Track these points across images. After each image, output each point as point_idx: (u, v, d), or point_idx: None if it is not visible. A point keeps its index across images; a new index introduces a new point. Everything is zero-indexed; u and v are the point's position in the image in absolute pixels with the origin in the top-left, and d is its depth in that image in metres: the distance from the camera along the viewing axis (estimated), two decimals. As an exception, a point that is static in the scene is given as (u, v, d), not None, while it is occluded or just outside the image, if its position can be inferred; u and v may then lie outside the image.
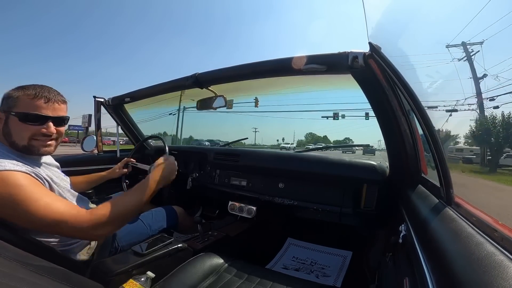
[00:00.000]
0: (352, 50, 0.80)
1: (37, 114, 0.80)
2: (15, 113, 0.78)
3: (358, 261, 1.46)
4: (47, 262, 0.57)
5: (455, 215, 0.51)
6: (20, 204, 0.68)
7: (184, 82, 1.26)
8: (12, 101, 0.78)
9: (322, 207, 1.27)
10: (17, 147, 0.80)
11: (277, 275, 0.94)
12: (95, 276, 0.87)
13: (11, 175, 0.70)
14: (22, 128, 0.79)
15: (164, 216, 1.31)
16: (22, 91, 0.80)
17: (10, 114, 0.78)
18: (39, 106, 0.80)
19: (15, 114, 0.78)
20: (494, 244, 0.36)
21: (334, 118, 18.49)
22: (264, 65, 1.01)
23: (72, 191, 0.97)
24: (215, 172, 1.67)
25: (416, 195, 0.79)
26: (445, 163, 0.59)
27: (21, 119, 0.78)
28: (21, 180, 0.71)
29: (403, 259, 0.64)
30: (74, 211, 0.75)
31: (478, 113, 6.18)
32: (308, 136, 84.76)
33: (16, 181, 0.70)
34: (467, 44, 3.28)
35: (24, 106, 0.78)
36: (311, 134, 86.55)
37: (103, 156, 1.85)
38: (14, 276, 0.42)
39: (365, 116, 15.90)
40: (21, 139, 0.79)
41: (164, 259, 0.98)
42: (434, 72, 0.70)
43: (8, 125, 0.79)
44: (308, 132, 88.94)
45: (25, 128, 0.79)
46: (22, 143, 0.80)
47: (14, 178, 0.70)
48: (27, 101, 0.79)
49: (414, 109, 0.67)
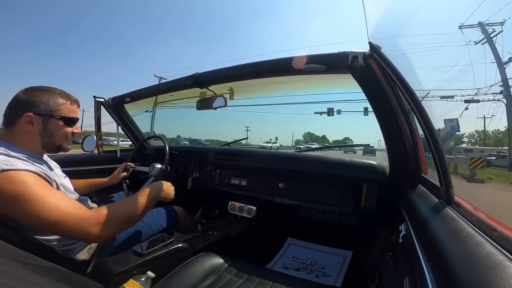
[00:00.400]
0: (352, 50, 0.80)
1: (76, 118, 0.95)
2: (61, 117, 0.89)
3: (358, 260, 1.46)
4: (47, 262, 0.57)
5: (455, 215, 0.51)
6: (26, 201, 0.70)
7: (184, 82, 1.26)
8: (55, 106, 0.88)
9: (322, 207, 1.27)
10: (52, 147, 0.91)
11: (277, 275, 0.94)
12: (96, 276, 0.87)
13: (20, 174, 0.72)
14: (63, 130, 0.91)
15: (164, 215, 1.31)
16: (59, 96, 0.90)
17: (54, 118, 0.88)
18: (75, 110, 0.95)
19: (60, 118, 0.89)
20: (493, 244, 0.36)
21: (328, 114, 17.48)
22: (264, 65, 1.01)
23: (74, 192, 0.99)
24: (215, 172, 1.67)
25: (416, 195, 0.79)
26: (445, 162, 0.59)
27: (66, 122, 0.91)
28: (29, 179, 0.73)
29: (403, 258, 0.64)
30: (81, 210, 0.77)
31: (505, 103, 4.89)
32: (306, 135, 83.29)
33: (24, 179, 0.72)
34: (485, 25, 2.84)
35: (67, 110, 0.91)
36: (309, 134, 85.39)
37: (103, 156, 1.86)
38: (14, 276, 0.42)
39: (364, 112, 15.45)
40: (59, 139, 0.91)
41: (164, 259, 0.98)
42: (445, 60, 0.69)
43: (49, 127, 0.88)
44: (306, 132, 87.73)
45: (65, 130, 0.91)
46: (59, 143, 0.92)
47: (22, 176, 0.72)
48: (69, 107, 0.92)
49: (414, 109, 0.67)
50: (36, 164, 0.81)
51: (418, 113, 0.65)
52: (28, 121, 0.83)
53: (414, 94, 0.63)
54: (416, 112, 0.67)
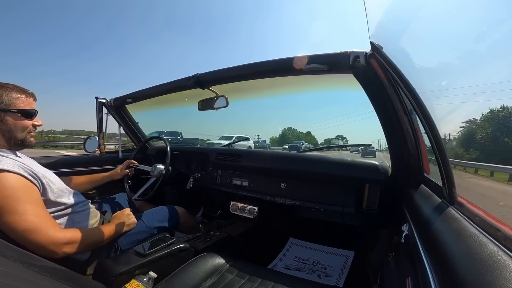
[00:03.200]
0: (353, 50, 0.80)
1: (34, 110, 0.94)
2: (17, 110, 0.89)
3: (361, 261, 1.46)
4: (49, 262, 0.58)
5: (458, 214, 0.50)
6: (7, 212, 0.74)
7: (186, 83, 1.27)
8: (9, 100, 0.88)
9: (324, 207, 1.27)
10: (15, 142, 0.90)
11: (279, 275, 0.94)
12: (98, 276, 0.87)
13: (5, 176, 0.77)
14: (22, 123, 0.90)
15: (165, 215, 1.31)
16: (13, 91, 0.89)
17: (10, 112, 0.88)
18: (31, 103, 0.94)
19: (16, 111, 0.89)
20: (497, 244, 0.36)
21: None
22: (265, 65, 1.01)
23: (62, 185, 1.01)
24: (217, 172, 1.67)
25: (418, 195, 0.79)
26: (447, 162, 0.58)
27: (23, 115, 0.90)
28: (12, 183, 0.78)
29: (405, 259, 0.64)
30: (50, 223, 0.82)
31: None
32: (286, 132, 62.63)
33: (9, 184, 0.77)
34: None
35: (22, 104, 0.90)
36: (291, 130, 64.19)
37: (105, 157, 1.86)
38: (16, 276, 0.42)
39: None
40: (20, 133, 0.91)
41: (166, 259, 0.98)
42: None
43: (6, 122, 0.88)
44: (287, 127, 65.46)
45: (23, 123, 0.91)
46: (21, 137, 0.91)
47: (7, 180, 0.77)
48: (24, 100, 0.91)
49: (416, 109, 0.66)
50: (16, 160, 0.85)
51: (420, 112, 0.64)
52: None
53: (416, 94, 0.63)
54: (418, 112, 0.66)
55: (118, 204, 1.42)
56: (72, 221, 0.97)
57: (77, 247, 0.83)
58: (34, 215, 0.78)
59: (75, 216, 0.99)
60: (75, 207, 1.00)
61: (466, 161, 0.90)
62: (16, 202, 0.76)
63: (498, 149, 0.83)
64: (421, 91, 0.63)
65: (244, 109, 61.03)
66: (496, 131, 0.78)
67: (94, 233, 0.94)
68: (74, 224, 0.96)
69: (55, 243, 0.78)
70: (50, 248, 0.77)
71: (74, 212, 0.99)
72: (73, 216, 0.98)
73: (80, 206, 1.03)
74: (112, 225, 1.01)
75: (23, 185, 0.81)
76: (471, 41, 0.65)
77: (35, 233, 0.75)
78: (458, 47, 0.69)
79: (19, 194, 0.78)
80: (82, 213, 1.03)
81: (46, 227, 0.79)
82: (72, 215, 0.98)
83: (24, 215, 0.76)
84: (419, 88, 0.63)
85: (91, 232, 0.94)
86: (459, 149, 0.90)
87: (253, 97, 1.97)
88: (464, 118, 0.80)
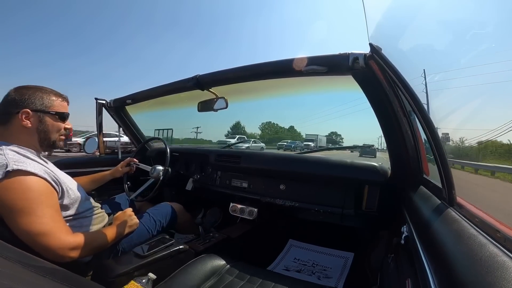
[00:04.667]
0: (352, 51, 0.80)
1: (68, 113, 0.98)
2: (55, 112, 0.92)
3: (360, 262, 1.45)
4: (48, 263, 0.57)
5: (458, 216, 0.50)
6: (20, 212, 0.75)
7: (185, 84, 1.27)
8: (49, 102, 0.91)
9: (324, 209, 1.27)
10: (48, 143, 0.93)
11: (278, 276, 0.94)
12: (97, 277, 0.87)
13: (27, 179, 0.78)
14: (57, 125, 0.94)
15: (162, 214, 1.30)
16: (51, 94, 0.93)
17: (49, 113, 0.91)
18: (66, 106, 0.98)
19: (55, 113, 0.92)
20: (496, 245, 0.36)
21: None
22: (264, 67, 1.01)
23: (80, 189, 1.02)
24: (217, 174, 1.67)
25: (418, 196, 0.79)
26: (447, 164, 0.58)
27: (60, 117, 0.94)
28: (37, 187, 0.79)
29: (405, 260, 0.64)
30: (64, 228, 0.82)
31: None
32: (265, 127, 53.71)
33: (29, 186, 0.78)
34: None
35: (59, 106, 0.94)
36: (270, 125, 54.55)
37: (105, 158, 1.86)
38: (15, 277, 0.42)
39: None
40: (54, 135, 0.94)
41: (165, 260, 0.98)
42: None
43: (45, 123, 0.91)
44: (266, 122, 55.46)
45: (59, 125, 0.94)
46: (54, 139, 0.94)
47: (28, 182, 0.78)
48: (60, 103, 0.95)
49: (415, 110, 0.66)
50: (43, 165, 0.86)
51: (419, 114, 0.64)
52: (26, 117, 0.86)
53: (415, 95, 0.63)
54: (417, 113, 0.67)
55: (118, 205, 1.42)
56: (81, 224, 0.97)
57: (82, 252, 0.83)
58: (51, 219, 0.79)
59: (84, 221, 0.99)
60: (86, 212, 1.00)
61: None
62: (37, 205, 0.77)
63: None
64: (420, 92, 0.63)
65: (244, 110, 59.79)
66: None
67: (98, 237, 0.93)
68: (82, 228, 0.96)
69: (64, 247, 0.79)
70: (58, 252, 0.77)
71: (85, 216, 0.99)
72: (82, 220, 0.98)
73: (90, 211, 1.04)
74: (114, 228, 1.00)
75: (46, 190, 0.82)
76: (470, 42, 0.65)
77: (48, 236, 0.76)
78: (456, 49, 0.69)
79: (42, 198, 0.79)
80: (92, 218, 1.03)
81: (59, 232, 0.79)
82: (82, 220, 0.98)
83: (42, 218, 0.77)
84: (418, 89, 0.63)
85: (96, 236, 0.94)
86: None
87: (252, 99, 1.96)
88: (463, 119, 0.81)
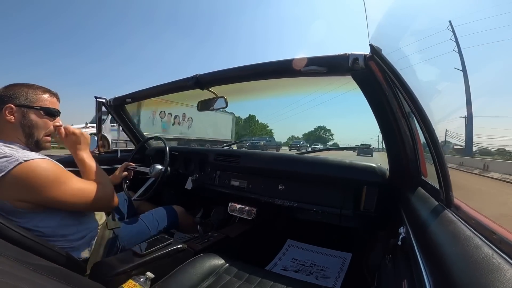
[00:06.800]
0: (352, 52, 0.80)
1: (57, 110, 0.95)
2: (40, 108, 0.89)
3: (358, 263, 1.46)
4: (47, 262, 0.58)
5: (454, 217, 0.50)
6: (60, 180, 0.81)
7: (185, 83, 1.27)
8: (34, 97, 0.89)
9: (322, 209, 1.27)
10: (32, 140, 0.90)
11: (276, 276, 0.94)
12: (95, 276, 0.87)
13: (42, 162, 0.79)
14: (44, 121, 0.91)
15: (164, 215, 1.31)
16: (38, 89, 0.91)
17: (33, 108, 0.88)
18: (55, 102, 0.95)
19: (40, 109, 0.89)
20: (492, 247, 0.36)
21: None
22: (264, 67, 1.01)
23: None
24: (216, 173, 1.67)
25: (415, 198, 0.79)
26: (445, 165, 0.59)
27: (46, 113, 0.91)
28: (50, 164, 0.81)
29: (402, 261, 0.64)
30: (106, 181, 0.96)
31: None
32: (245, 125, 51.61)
33: (47, 166, 0.80)
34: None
35: (46, 102, 0.91)
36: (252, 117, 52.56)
37: (104, 156, 1.86)
38: (14, 275, 0.42)
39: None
40: (40, 132, 0.90)
41: (163, 259, 0.98)
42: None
43: (29, 118, 0.88)
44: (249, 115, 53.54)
45: (45, 121, 0.91)
46: (38, 137, 0.90)
47: (44, 163, 0.80)
48: (48, 98, 0.92)
49: (414, 111, 0.67)
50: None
51: (418, 115, 0.65)
52: (9, 112, 0.86)
53: (415, 97, 0.63)
54: (416, 115, 0.67)
55: None
56: (79, 222, 0.94)
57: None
58: (81, 180, 0.89)
59: (82, 218, 0.96)
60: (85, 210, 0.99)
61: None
62: (66, 172, 0.85)
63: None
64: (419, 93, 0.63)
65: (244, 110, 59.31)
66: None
67: (98, 174, 0.98)
68: (80, 225, 0.94)
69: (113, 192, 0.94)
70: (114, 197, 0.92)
71: (83, 214, 0.97)
72: (80, 218, 0.95)
73: None
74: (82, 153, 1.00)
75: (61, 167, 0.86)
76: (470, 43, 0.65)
77: (99, 186, 0.88)
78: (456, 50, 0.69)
79: (62, 169, 0.85)
80: (90, 215, 1.01)
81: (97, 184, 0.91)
82: (81, 218, 0.95)
83: (79, 180, 0.87)
84: (418, 91, 0.63)
85: (99, 174, 0.98)
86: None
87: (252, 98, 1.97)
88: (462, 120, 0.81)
